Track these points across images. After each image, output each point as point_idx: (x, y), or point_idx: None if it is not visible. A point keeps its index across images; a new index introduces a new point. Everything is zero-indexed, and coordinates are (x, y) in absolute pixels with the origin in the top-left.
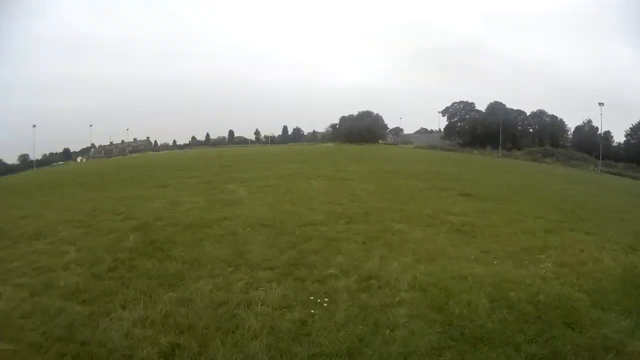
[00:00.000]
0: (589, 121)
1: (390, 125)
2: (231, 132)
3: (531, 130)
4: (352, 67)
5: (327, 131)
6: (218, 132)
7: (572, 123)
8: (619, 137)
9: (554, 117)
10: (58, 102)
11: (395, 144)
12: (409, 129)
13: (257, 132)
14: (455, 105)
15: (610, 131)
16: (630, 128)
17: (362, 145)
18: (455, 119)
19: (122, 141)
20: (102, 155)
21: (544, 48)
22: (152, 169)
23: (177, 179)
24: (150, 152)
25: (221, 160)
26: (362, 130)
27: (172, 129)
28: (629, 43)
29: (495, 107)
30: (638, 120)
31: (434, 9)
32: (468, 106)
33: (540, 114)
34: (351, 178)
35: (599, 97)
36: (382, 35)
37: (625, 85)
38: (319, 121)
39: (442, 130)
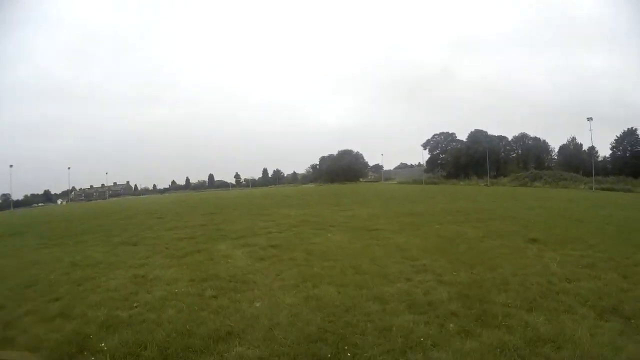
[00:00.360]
0: (573, 139)
1: (371, 162)
2: (211, 176)
3: (514, 155)
4: (329, 107)
5: (307, 172)
6: (198, 176)
7: (555, 142)
8: (602, 151)
9: (536, 139)
10: (40, 144)
11: (376, 181)
12: (389, 164)
13: (237, 176)
14: (436, 137)
15: (595, 146)
16: (615, 140)
17: (345, 185)
18: (437, 151)
19: (102, 185)
20: (82, 198)
21: (518, 70)
22: (127, 216)
23: (153, 231)
24: (129, 197)
25: (204, 205)
26: (343, 169)
27: (152, 173)
28: (596, 51)
29: (477, 135)
30: (622, 132)
31: (402, 41)
32: (449, 137)
33: (522, 138)
34: (377, 227)
35: (577, 112)
36: (357, 74)
37: (601, 95)
38: (298, 162)
39: (423, 163)
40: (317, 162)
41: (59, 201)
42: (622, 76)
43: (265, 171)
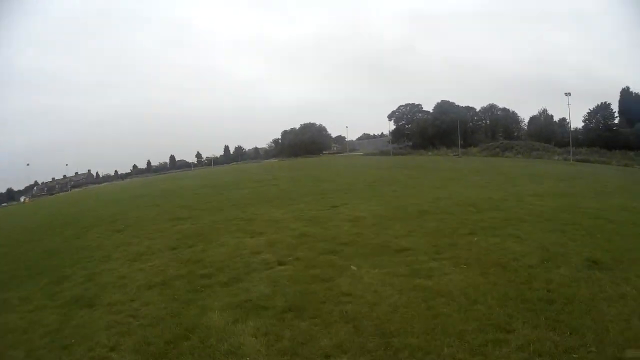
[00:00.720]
0: (544, 110)
1: (334, 135)
2: (172, 158)
3: (483, 125)
4: (289, 83)
5: (269, 147)
6: (159, 158)
7: (525, 114)
8: (574, 124)
9: (505, 110)
10: None
11: (339, 153)
12: (353, 136)
13: (198, 155)
14: (402, 108)
15: (566, 118)
16: (587, 113)
17: (308, 158)
18: (403, 122)
19: (64, 176)
20: (45, 192)
21: (486, 45)
22: (82, 230)
23: (112, 261)
24: (91, 186)
25: (168, 203)
26: (306, 143)
27: (113, 159)
28: (564, 28)
29: (444, 106)
30: (596, 105)
31: (361, 15)
32: (415, 108)
33: (491, 108)
34: (403, 245)
35: (546, 86)
36: (316, 48)
37: (569, 72)
38: (260, 138)
39: (388, 134)
40: (280, 137)
41: (22, 199)
42: (590, 52)
43: (226, 148)
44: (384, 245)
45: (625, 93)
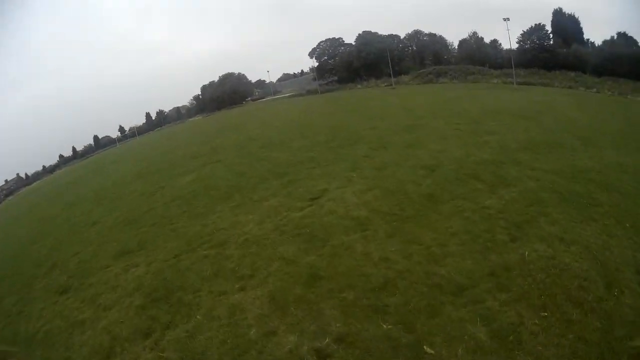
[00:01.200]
0: (474, 33)
1: (254, 80)
2: (96, 137)
3: (409, 51)
4: (201, 37)
5: (191, 104)
6: (84, 140)
7: (453, 38)
8: (505, 45)
9: (432, 35)
10: None
11: (262, 98)
12: (273, 79)
13: (121, 129)
14: (322, 44)
15: (497, 39)
16: (521, 34)
17: (233, 110)
18: (325, 58)
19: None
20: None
21: None
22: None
23: None
24: (23, 190)
25: (107, 206)
26: (228, 94)
27: (38, 154)
28: None
29: (367, 37)
30: (530, 27)
31: None
32: (336, 42)
33: (416, 35)
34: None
35: (472, 8)
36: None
37: None
38: (182, 98)
39: (310, 71)
40: (199, 93)
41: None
42: None
43: (148, 115)
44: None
45: (558, 14)
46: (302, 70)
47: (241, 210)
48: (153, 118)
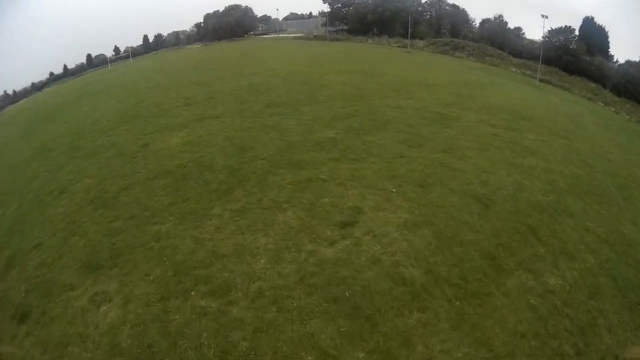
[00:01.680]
0: (500, 15)
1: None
2: (89, 56)
3: (427, 16)
4: None
5: (191, 31)
6: (76, 59)
7: (476, 15)
8: (529, 36)
9: (455, 7)
10: None
11: (265, 34)
12: (279, 17)
13: (115, 49)
14: None
15: (521, 27)
16: (549, 30)
17: (233, 42)
18: (338, 5)
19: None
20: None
21: None
22: None
23: None
24: (9, 107)
25: (83, 166)
26: (231, 26)
27: (28, 70)
28: None
29: None
30: (561, 26)
31: None
32: None
33: (438, 1)
34: None
35: None
36: None
37: None
38: (181, 24)
39: (319, 15)
40: (202, 21)
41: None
42: None
43: (145, 38)
44: None
45: (588, 22)
46: (310, 13)
47: (247, 221)
48: (150, 41)
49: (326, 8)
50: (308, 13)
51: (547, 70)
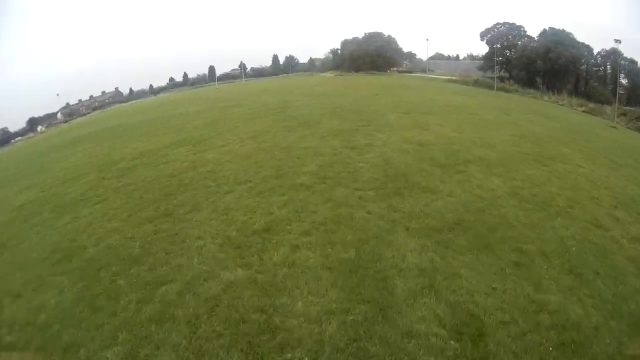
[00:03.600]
0: None
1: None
2: (211, 69)
3: (601, 72)
4: None
5: (326, 57)
6: (198, 69)
7: None
8: None
9: (633, 62)
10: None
11: (409, 72)
12: (421, 54)
13: (242, 65)
14: (499, 27)
15: None
16: None
17: (375, 76)
18: (498, 45)
19: (91, 96)
20: (60, 120)
21: None
22: None
23: None
24: (116, 105)
25: None
26: (371, 56)
27: (149, 74)
28: None
29: (560, 35)
30: None
31: None
32: (515, 29)
33: (613, 53)
34: None
35: None
36: None
37: None
38: (315, 50)
39: (467, 57)
40: (339, 47)
41: (39, 128)
42: None
43: (275, 58)
44: None
45: None
46: (457, 55)
47: None
48: (281, 62)
49: (482, 49)
50: (455, 55)
51: None
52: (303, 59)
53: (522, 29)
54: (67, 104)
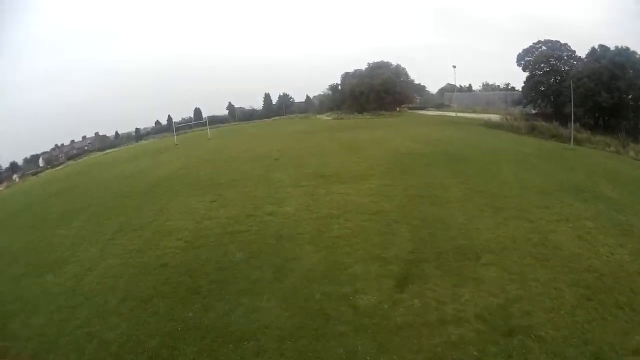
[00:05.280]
0: None
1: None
2: (197, 111)
3: None
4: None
5: (325, 94)
6: (184, 111)
7: None
8: None
9: None
10: None
11: (421, 108)
12: (432, 88)
13: (229, 106)
14: (539, 47)
15: None
16: None
17: (382, 117)
18: (539, 71)
19: (72, 141)
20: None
21: None
22: None
23: None
24: (93, 154)
25: None
26: (377, 90)
27: (134, 116)
28: None
29: (627, 56)
30: None
31: None
32: (560, 47)
33: None
34: None
35: None
36: None
37: None
38: (313, 88)
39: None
40: (339, 82)
41: (14, 177)
42: None
43: (267, 97)
44: None
45: None
46: (470, 85)
47: None
48: (274, 102)
49: (518, 78)
50: (467, 85)
51: None
52: (299, 97)
53: (567, 48)
54: (56, 145)
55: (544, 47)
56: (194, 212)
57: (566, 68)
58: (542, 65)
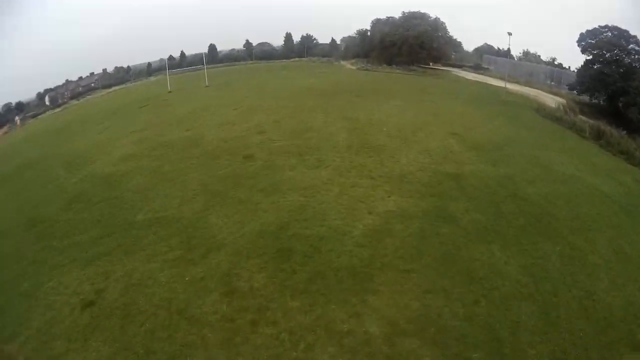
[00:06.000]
0: None
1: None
2: (212, 47)
3: None
4: None
5: (351, 40)
6: (198, 47)
7: None
8: None
9: None
10: None
11: (458, 66)
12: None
13: (246, 44)
14: (602, 31)
15: None
16: None
17: (415, 74)
18: (600, 58)
19: (80, 78)
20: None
21: None
22: None
23: None
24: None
25: None
26: (411, 42)
27: (144, 52)
28: None
29: None
30: None
31: None
32: (622, 34)
33: None
34: None
35: None
36: None
37: None
38: (339, 31)
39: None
40: (368, 28)
41: (16, 119)
42: None
43: (289, 37)
44: None
45: None
46: (508, 48)
47: None
48: (294, 42)
49: (565, 56)
50: (505, 48)
51: None
52: (323, 39)
53: (629, 36)
54: (67, 80)
55: (610, 33)
56: None
57: (635, 65)
58: (604, 52)
